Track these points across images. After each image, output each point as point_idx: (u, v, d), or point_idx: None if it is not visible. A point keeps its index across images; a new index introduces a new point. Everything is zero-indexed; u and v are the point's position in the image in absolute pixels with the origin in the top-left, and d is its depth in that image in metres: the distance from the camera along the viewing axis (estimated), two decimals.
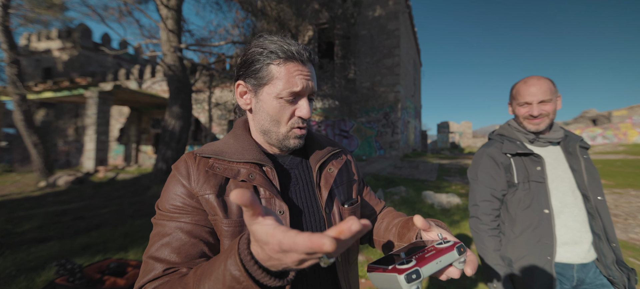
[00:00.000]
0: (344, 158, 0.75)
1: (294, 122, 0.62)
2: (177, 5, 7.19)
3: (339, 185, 0.71)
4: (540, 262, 1.03)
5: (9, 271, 2.65)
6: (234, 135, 0.67)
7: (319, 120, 12.49)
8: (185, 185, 0.59)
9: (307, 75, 0.60)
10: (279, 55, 0.59)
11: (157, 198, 0.64)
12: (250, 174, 0.59)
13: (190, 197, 0.58)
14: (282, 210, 0.58)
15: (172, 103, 7.29)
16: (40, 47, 17.54)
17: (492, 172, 1.16)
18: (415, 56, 17.86)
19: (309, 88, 0.61)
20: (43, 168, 8.59)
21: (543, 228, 1.05)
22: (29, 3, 8.82)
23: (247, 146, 0.63)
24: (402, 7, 11.84)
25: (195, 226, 0.56)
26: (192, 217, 0.57)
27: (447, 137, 23.42)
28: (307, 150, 0.72)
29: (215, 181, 0.59)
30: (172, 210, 0.57)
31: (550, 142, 1.14)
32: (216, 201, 0.57)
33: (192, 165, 0.61)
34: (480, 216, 1.16)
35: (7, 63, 8.09)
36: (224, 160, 0.61)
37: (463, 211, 4.67)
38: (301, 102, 0.61)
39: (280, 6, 7.83)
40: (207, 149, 0.63)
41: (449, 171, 8.75)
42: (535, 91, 1.09)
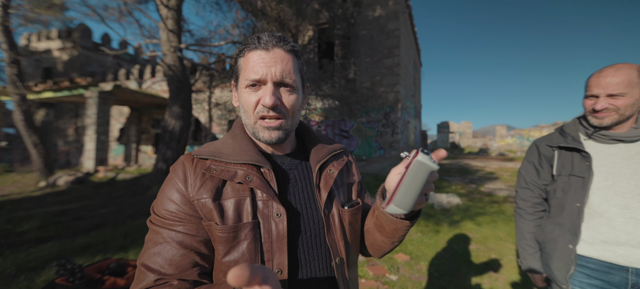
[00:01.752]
0: (345, 159, 0.73)
1: (260, 111, 0.59)
2: (177, 5, 7.19)
3: (339, 186, 0.69)
4: (562, 248, 1.09)
5: (9, 271, 2.65)
6: (232, 134, 0.66)
7: (319, 120, 12.49)
8: (181, 189, 0.57)
9: (270, 61, 0.58)
10: (245, 47, 0.61)
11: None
12: (247, 176, 0.58)
13: (185, 203, 0.56)
14: (279, 212, 0.57)
15: (172, 103, 7.29)
16: (40, 47, 17.53)
17: (535, 162, 1.24)
18: (415, 56, 17.85)
19: (273, 75, 0.57)
20: (43, 168, 8.59)
21: (571, 219, 1.08)
22: (29, 3, 8.81)
23: (244, 146, 0.62)
24: (402, 7, 11.83)
25: (188, 236, 0.55)
26: (185, 226, 0.55)
27: (447, 136, 23.41)
28: (308, 151, 0.71)
29: (212, 184, 0.57)
30: (167, 216, 0.56)
31: (621, 140, 1.04)
32: (213, 206, 0.55)
33: (190, 167, 0.59)
34: (517, 200, 1.28)
35: (7, 63, 8.09)
36: (221, 161, 0.59)
37: (463, 211, 4.67)
38: (263, 89, 0.59)
39: (280, 6, 7.83)
40: (204, 150, 0.62)
41: (449, 171, 8.75)
42: (606, 83, 1.00)
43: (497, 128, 22.22)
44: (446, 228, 3.92)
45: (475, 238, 3.62)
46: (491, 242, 3.47)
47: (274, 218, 0.57)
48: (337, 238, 0.64)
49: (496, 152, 18.04)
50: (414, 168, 0.43)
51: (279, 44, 0.60)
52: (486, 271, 2.77)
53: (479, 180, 7.42)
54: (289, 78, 0.59)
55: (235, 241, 0.55)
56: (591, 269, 1.06)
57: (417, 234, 3.69)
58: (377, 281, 2.49)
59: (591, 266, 1.06)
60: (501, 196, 5.71)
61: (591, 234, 1.05)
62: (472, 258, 3.03)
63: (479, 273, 2.73)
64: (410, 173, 0.43)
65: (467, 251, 3.23)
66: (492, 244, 3.40)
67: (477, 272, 2.74)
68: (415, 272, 2.71)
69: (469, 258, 3.04)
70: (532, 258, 1.20)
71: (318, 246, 0.62)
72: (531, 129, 20.27)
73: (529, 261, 1.21)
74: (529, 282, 2.54)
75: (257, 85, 0.59)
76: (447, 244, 3.37)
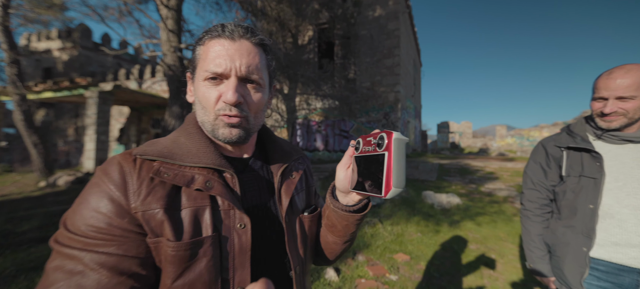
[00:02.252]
0: (304, 164, 0.70)
1: (220, 108, 0.52)
2: (177, 5, 7.19)
3: (299, 192, 0.66)
4: (575, 252, 1.07)
5: (9, 271, 2.65)
6: (186, 132, 0.56)
7: (319, 120, 12.49)
8: (116, 198, 0.45)
9: (235, 53, 0.51)
10: (207, 35, 0.53)
11: None
12: (208, 181, 0.50)
13: (120, 216, 0.44)
14: (242, 223, 0.51)
15: (172, 103, 7.30)
16: (40, 47, 17.53)
17: (542, 163, 1.21)
18: (415, 56, 17.85)
19: (237, 69, 0.51)
20: (43, 168, 8.59)
21: (584, 221, 1.05)
22: (29, 3, 8.81)
23: (202, 147, 0.53)
24: (402, 7, 11.83)
25: (124, 259, 0.43)
26: (121, 246, 0.43)
27: (447, 137, 23.41)
28: (268, 155, 0.66)
29: (163, 192, 0.47)
30: (91, 234, 0.43)
31: (630, 140, 1.03)
32: (165, 218, 0.46)
33: (131, 170, 0.47)
34: (524, 202, 1.25)
35: (7, 64, 8.09)
36: (173, 164, 0.50)
37: (463, 211, 4.66)
38: (225, 83, 0.52)
39: (280, 6, 7.83)
40: (150, 149, 0.51)
41: (449, 171, 8.75)
42: (615, 85, 0.97)
43: (497, 128, 22.22)
44: (446, 228, 3.92)
45: (475, 238, 3.62)
46: (491, 242, 3.47)
47: (237, 229, 0.51)
48: (297, 246, 0.60)
49: (496, 152, 18.05)
50: (396, 147, 0.45)
51: (246, 35, 0.53)
52: (486, 271, 2.77)
53: (479, 180, 7.42)
54: (255, 74, 0.53)
55: (191, 260, 0.46)
56: (601, 271, 1.04)
57: (417, 234, 3.69)
58: (377, 281, 2.49)
59: (601, 268, 1.04)
60: (501, 196, 5.71)
61: (602, 236, 1.03)
62: (472, 258, 3.03)
63: (479, 272, 2.73)
64: (395, 153, 0.45)
65: (467, 251, 3.22)
66: (492, 244, 3.40)
67: (477, 272, 2.74)
68: (415, 272, 2.71)
69: (470, 258, 3.04)
70: (541, 260, 1.17)
71: (279, 257, 0.58)
72: (531, 129, 20.27)
73: (538, 264, 1.18)
74: (528, 282, 2.54)
75: (218, 78, 0.52)
76: (447, 244, 3.37)
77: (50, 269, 0.42)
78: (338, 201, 0.60)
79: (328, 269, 2.58)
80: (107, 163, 0.49)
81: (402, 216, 4.29)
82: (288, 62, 8.40)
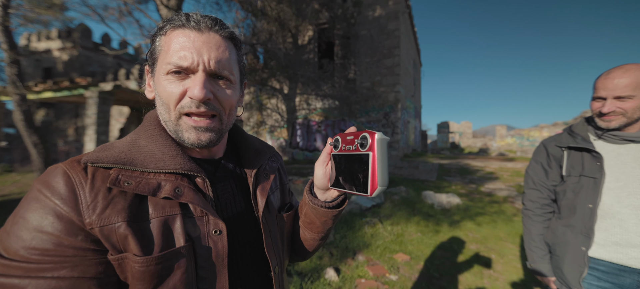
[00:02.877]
0: (277, 163, 0.68)
1: (184, 105, 0.47)
2: (177, 6, 7.20)
3: (274, 191, 0.64)
4: (574, 251, 1.07)
5: None
6: (146, 133, 0.50)
7: (319, 120, 12.49)
8: (64, 214, 0.39)
9: (202, 46, 0.46)
10: (169, 24, 0.48)
11: None
12: (177, 188, 0.45)
13: (72, 234, 0.39)
14: (218, 229, 0.48)
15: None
16: (40, 47, 17.54)
17: (543, 163, 1.22)
18: (415, 56, 17.85)
19: (206, 63, 0.46)
20: (43, 168, 8.58)
21: (583, 221, 1.06)
22: (29, 3, 8.82)
23: (168, 149, 0.48)
24: (402, 7, 11.83)
25: (81, 281, 0.38)
26: (75, 268, 0.38)
27: (447, 137, 23.41)
28: (240, 154, 0.63)
29: (124, 203, 0.42)
30: (34, 258, 0.36)
31: (632, 140, 1.03)
32: (128, 232, 0.41)
33: (81, 180, 0.41)
34: (525, 202, 1.26)
35: (7, 64, 8.09)
36: (134, 172, 0.44)
37: (463, 211, 4.67)
38: (192, 78, 0.46)
39: (280, 6, 7.84)
40: (104, 155, 0.44)
41: (449, 171, 8.75)
42: (613, 85, 0.98)
43: (497, 128, 22.22)
44: (446, 228, 3.92)
45: (475, 238, 3.62)
46: (491, 242, 3.47)
47: (212, 236, 0.47)
48: (275, 246, 0.59)
49: (496, 152, 18.04)
50: (380, 147, 0.46)
51: (214, 27, 0.48)
52: (486, 271, 2.77)
53: (479, 180, 7.42)
54: (226, 69, 0.48)
55: (163, 275, 0.42)
56: (601, 271, 1.04)
57: (417, 234, 3.69)
58: (377, 281, 2.49)
59: (601, 268, 1.04)
60: (501, 196, 5.71)
61: (603, 236, 1.03)
62: (472, 258, 3.03)
63: (479, 272, 2.73)
64: (379, 153, 0.46)
65: (467, 251, 3.23)
66: (492, 244, 3.40)
67: (478, 272, 2.74)
68: (415, 272, 2.71)
69: (469, 258, 3.04)
70: (541, 260, 1.18)
71: (257, 259, 0.56)
72: (531, 129, 20.27)
73: (538, 264, 1.18)
74: (529, 282, 2.54)
75: (183, 73, 0.46)
76: (447, 244, 3.37)
77: None
78: (317, 198, 0.60)
79: (328, 269, 2.58)
80: (47, 174, 0.42)
81: (402, 216, 4.29)
82: (288, 62, 8.39)
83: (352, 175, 0.49)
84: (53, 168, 0.42)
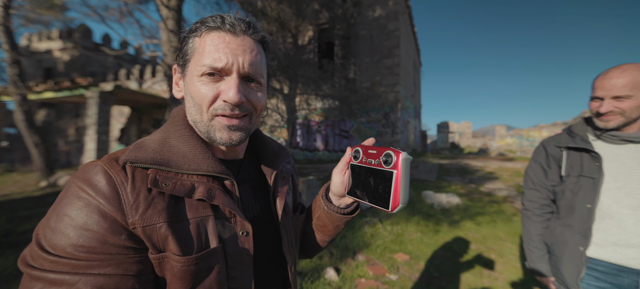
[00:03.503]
0: (291, 164, 0.70)
1: (217, 108, 0.47)
2: (178, 6, 7.21)
3: (289, 193, 0.65)
4: (572, 251, 1.08)
5: (10, 271, 2.66)
6: (175, 132, 0.50)
7: (319, 120, 12.50)
8: (108, 213, 0.40)
9: (237, 49, 0.47)
10: (203, 26, 0.48)
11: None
12: (209, 190, 0.46)
13: (116, 233, 0.40)
14: (245, 230, 0.49)
15: (173, 103, 7.31)
16: (41, 48, 17.58)
17: (542, 163, 1.22)
18: (415, 56, 17.85)
19: (240, 66, 0.47)
20: (44, 168, 8.61)
21: (581, 221, 1.06)
22: (30, 4, 8.84)
23: (198, 151, 0.48)
24: (402, 7, 11.83)
25: (124, 279, 0.39)
26: (119, 265, 0.39)
27: (446, 137, 23.40)
28: (259, 156, 0.63)
29: (163, 203, 0.43)
30: (81, 256, 0.38)
31: (631, 140, 1.02)
32: (168, 232, 0.42)
33: (122, 180, 0.42)
34: (525, 202, 1.26)
35: (8, 64, 8.11)
36: (170, 172, 0.45)
37: (463, 211, 4.67)
38: (226, 81, 0.47)
39: (280, 6, 7.85)
40: (142, 155, 0.44)
41: (449, 171, 8.75)
42: (611, 85, 0.98)
43: (496, 128, 22.21)
44: (446, 228, 3.93)
45: (475, 238, 3.62)
46: (491, 242, 3.48)
47: (240, 237, 0.49)
48: (291, 246, 0.61)
49: (496, 152, 18.04)
50: (404, 167, 0.47)
51: (248, 30, 0.49)
52: (486, 270, 2.77)
53: (479, 180, 7.42)
54: (258, 73, 0.50)
55: (200, 274, 0.44)
56: (600, 271, 1.04)
57: (417, 234, 3.70)
58: (377, 281, 2.50)
59: (600, 268, 1.04)
60: (501, 196, 5.71)
61: (601, 236, 1.03)
62: (472, 258, 3.04)
63: (479, 272, 2.73)
64: (403, 173, 0.46)
65: (467, 251, 3.23)
66: (491, 244, 3.40)
67: (477, 272, 2.74)
68: (415, 272, 2.72)
69: (469, 258, 3.04)
70: (540, 260, 1.18)
71: (275, 258, 0.58)
72: (531, 129, 20.26)
73: (537, 264, 1.19)
74: (528, 282, 2.54)
75: (217, 75, 0.47)
76: (447, 244, 3.38)
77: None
78: (332, 203, 0.63)
79: (328, 269, 2.58)
80: (87, 171, 0.42)
81: (402, 216, 4.30)
82: (288, 62, 8.41)
83: (372, 188, 0.50)
84: (91, 165, 0.43)
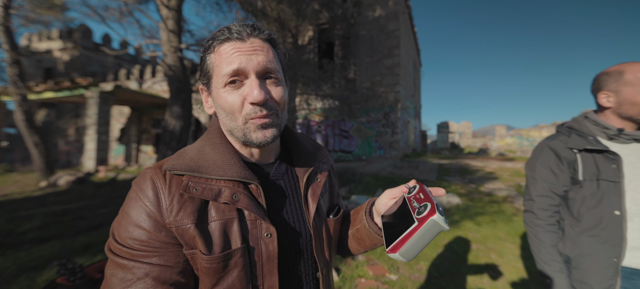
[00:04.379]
0: (328, 164, 0.70)
1: (248, 112, 0.51)
2: (178, 6, 7.21)
3: (323, 194, 0.65)
4: (604, 263, 0.99)
5: (10, 271, 2.66)
6: (210, 142, 0.56)
7: (319, 120, 12.49)
8: (152, 213, 0.48)
9: (248, 51, 0.50)
10: (215, 42, 0.52)
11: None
12: (234, 194, 0.50)
13: (158, 230, 0.47)
14: (269, 232, 0.52)
15: (173, 104, 7.31)
16: (41, 48, 17.57)
17: (552, 166, 1.11)
18: (415, 56, 17.85)
19: (255, 65, 0.50)
20: (44, 168, 8.61)
21: (611, 230, 0.98)
22: (30, 4, 8.83)
23: (228, 158, 0.53)
24: (402, 7, 11.83)
25: (166, 269, 0.47)
26: (162, 256, 0.47)
27: (446, 137, 23.40)
28: (293, 156, 0.64)
29: (193, 206, 0.49)
30: (135, 246, 0.47)
31: (637, 139, 1.00)
32: (196, 232, 0.48)
33: (162, 186, 0.49)
34: (535, 211, 1.12)
35: (8, 64, 8.11)
36: (201, 178, 0.50)
37: (463, 211, 4.67)
38: (247, 84, 0.51)
39: (280, 6, 7.84)
40: (179, 163, 0.51)
41: (449, 171, 8.75)
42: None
43: (496, 128, 22.22)
44: None
45: (475, 238, 3.62)
46: (491, 242, 3.47)
47: (264, 238, 0.52)
48: (323, 249, 0.61)
49: (496, 152, 18.04)
50: (428, 226, 0.42)
51: (254, 32, 0.52)
52: (486, 271, 2.77)
53: (479, 180, 7.42)
54: (272, 68, 0.53)
55: (224, 271, 0.49)
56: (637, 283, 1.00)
57: None
58: (377, 281, 2.50)
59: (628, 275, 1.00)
60: (501, 196, 5.71)
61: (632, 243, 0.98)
62: (472, 258, 3.04)
63: (479, 272, 2.73)
64: (422, 230, 0.43)
65: (467, 251, 3.23)
66: (492, 244, 3.40)
67: (477, 272, 2.74)
68: (415, 272, 2.72)
69: (469, 258, 3.04)
70: (559, 274, 1.05)
71: (305, 260, 0.59)
72: (531, 129, 20.27)
73: (556, 277, 1.05)
74: (528, 282, 2.54)
75: (237, 81, 0.51)
76: (447, 244, 3.38)
77: (108, 275, 0.47)
78: (373, 221, 0.63)
79: None
80: (141, 177, 0.51)
81: None
82: (288, 62, 8.40)
83: (396, 223, 0.49)
84: (144, 172, 0.51)
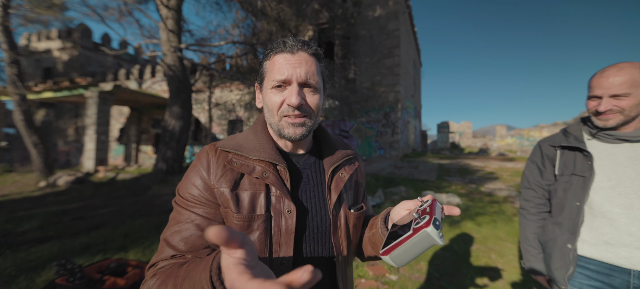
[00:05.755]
0: (356, 164, 0.77)
1: (284, 110, 0.63)
2: (177, 5, 7.20)
3: (348, 189, 0.73)
4: (561, 248, 1.09)
5: (9, 271, 2.65)
6: (254, 130, 0.70)
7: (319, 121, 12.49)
8: (203, 176, 0.63)
9: (295, 63, 0.62)
10: (271, 52, 0.65)
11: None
12: (265, 172, 0.62)
13: (206, 189, 0.62)
14: (290, 209, 0.62)
15: (172, 103, 7.30)
16: (40, 47, 17.54)
17: (538, 163, 1.24)
18: (415, 56, 17.86)
19: (298, 76, 0.62)
20: (43, 168, 8.59)
21: (569, 218, 1.08)
22: (29, 3, 8.81)
23: (264, 144, 0.66)
24: (402, 7, 11.83)
25: (205, 219, 0.60)
26: (205, 209, 0.61)
27: (447, 137, 23.40)
28: (322, 152, 0.75)
29: (232, 175, 0.62)
30: (189, 198, 0.62)
31: (626, 139, 1.02)
32: (230, 195, 0.61)
33: (213, 157, 0.64)
34: (521, 201, 1.29)
35: (7, 64, 8.10)
36: (241, 156, 0.64)
37: (463, 212, 4.67)
38: (289, 89, 0.62)
39: (280, 6, 7.84)
40: (228, 143, 0.67)
41: (449, 171, 8.75)
42: (608, 83, 0.98)
43: (497, 128, 22.22)
44: (446, 228, 3.92)
45: (475, 238, 3.62)
46: (491, 242, 3.47)
47: (285, 213, 0.62)
48: (341, 238, 0.68)
49: (496, 152, 18.04)
50: (420, 237, 0.43)
51: (303, 47, 0.64)
52: (486, 271, 2.77)
53: (479, 180, 7.42)
54: (312, 79, 0.63)
55: (248, 230, 0.60)
56: (592, 270, 1.04)
57: None
58: (377, 281, 2.49)
59: (592, 267, 1.04)
60: (501, 196, 5.71)
61: (593, 235, 1.03)
62: (472, 258, 3.04)
63: (479, 273, 2.73)
64: (414, 239, 0.44)
65: (467, 251, 3.23)
66: (492, 244, 3.40)
67: (477, 272, 2.74)
68: (415, 272, 2.71)
69: (469, 258, 3.04)
70: (535, 259, 1.20)
71: (323, 243, 0.66)
72: (531, 129, 20.27)
73: (532, 262, 1.20)
74: (528, 282, 2.54)
75: (283, 86, 0.63)
76: (447, 244, 3.37)
77: (171, 216, 0.62)
78: (387, 228, 0.66)
79: None
80: (201, 151, 0.66)
81: None
82: None
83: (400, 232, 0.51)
84: (203, 148, 0.67)
